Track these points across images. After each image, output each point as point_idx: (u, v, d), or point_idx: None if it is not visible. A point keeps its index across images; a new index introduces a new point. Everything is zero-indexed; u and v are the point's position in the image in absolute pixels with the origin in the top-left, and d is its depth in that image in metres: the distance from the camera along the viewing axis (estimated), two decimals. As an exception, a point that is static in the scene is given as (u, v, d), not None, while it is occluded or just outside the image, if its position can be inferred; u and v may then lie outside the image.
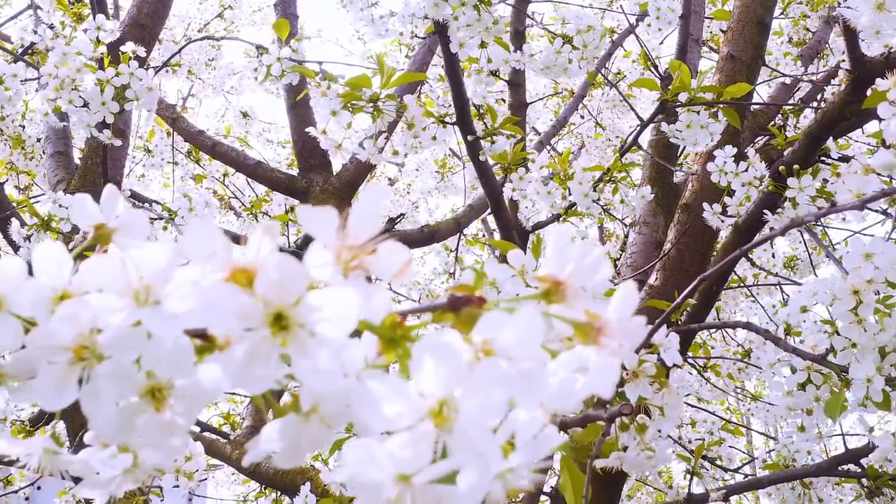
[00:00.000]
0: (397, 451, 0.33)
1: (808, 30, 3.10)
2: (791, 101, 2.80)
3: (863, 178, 1.16)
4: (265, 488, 3.84)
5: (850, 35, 1.44)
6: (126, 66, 1.81)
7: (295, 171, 3.42)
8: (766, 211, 1.62)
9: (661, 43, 2.66)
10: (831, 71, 2.82)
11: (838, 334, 1.31)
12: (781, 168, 1.61)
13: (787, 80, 2.82)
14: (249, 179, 3.88)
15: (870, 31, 1.16)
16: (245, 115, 4.96)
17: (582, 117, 4.67)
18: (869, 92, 1.49)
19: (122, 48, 1.86)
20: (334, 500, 1.86)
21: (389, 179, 5.42)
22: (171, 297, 0.35)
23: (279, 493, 3.40)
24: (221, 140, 3.45)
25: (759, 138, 2.66)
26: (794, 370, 1.43)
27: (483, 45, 1.88)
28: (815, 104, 2.71)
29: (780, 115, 2.81)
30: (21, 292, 0.43)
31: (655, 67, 2.57)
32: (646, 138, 2.61)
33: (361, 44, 5.48)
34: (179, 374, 0.38)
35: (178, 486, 1.55)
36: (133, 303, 0.38)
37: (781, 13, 2.83)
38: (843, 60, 2.45)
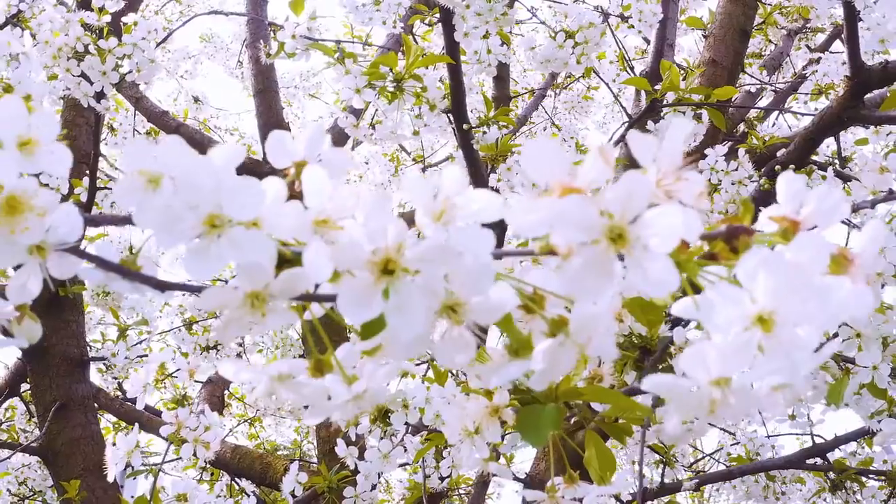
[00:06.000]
0: (727, 353, 0.35)
1: (769, 41, 3.21)
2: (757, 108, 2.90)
3: (878, 176, 1.23)
4: (211, 475, 3.79)
5: (853, 44, 1.51)
6: (129, 37, 1.79)
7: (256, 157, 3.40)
8: (760, 208, 1.69)
9: (626, 36, 2.73)
10: (795, 81, 2.93)
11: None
12: (777, 167, 1.68)
13: (752, 89, 2.92)
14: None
15: (892, 37, 1.22)
16: (196, 100, 4.90)
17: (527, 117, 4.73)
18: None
19: (124, 18, 1.84)
20: (323, 480, 1.87)
21: (339, 172, 5.41)
22: (508, 210, 0.37)
23: (231, 478, 3.38)
24: (185, 122, 3.42)
25: (725, 142, 2.75)
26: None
27: (486, 35, 1.91)
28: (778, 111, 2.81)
29: (743, 122, 2.91)
30: (283, 214, 0.44)
31: (632, 68, 2.64)
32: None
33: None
34: (478, 291, 0.40)
35: (180, 459, 1.55)
36: (433, 221, 0.40)
37: (763, 22, 2.94)
38: (815, 72, 2.56)
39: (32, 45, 1.51)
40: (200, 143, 3.30)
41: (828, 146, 3.04)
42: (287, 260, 0.46)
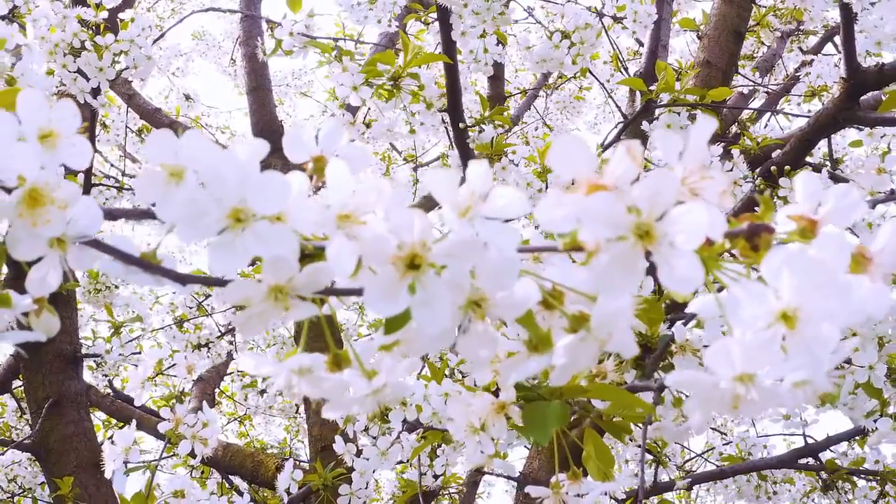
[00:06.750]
0: (752, 349, 0.36)
1: (762, 43, 3.23)
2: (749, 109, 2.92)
3: (876, 177, 1.24)
4: (202, 473, 3.79)
5: (849, 45, 1.52)
6: (126, 33, 1.79)
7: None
8: (756, 209, 1.70)
9: (618, 37, 2.73)
10: (788, 82, 2.95)
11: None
12: (773, 168, 1.69)
13: (745, 90, 2.93)
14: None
15: (889, 39, 1.23)
16: (188, 97, 4.90)
17: (519, 117, 4.74)
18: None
19: (120, 14, 1.84)
20: (318, 478, 1.87)
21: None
22: (539, 205, 0.37)
23: (223, 476, 3.37)
24: (178, 119, 3.41)
25: (718, 143, 2.76)
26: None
27: (483, 35, 1.91)
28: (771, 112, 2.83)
29: (735, 123, 2.92)
30: (307, 209, 0.45)
31: (626, 69, 2.65)
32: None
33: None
34: (503, 286, 0.40)
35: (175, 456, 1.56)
36: (459, 216, 0.40)
37: (756, 24, 2.95)
38: (808, 73, 2.57)
39: (34, 37, 1.51)
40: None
41: (819, 148, 3.05)
42: (307, 254, 0.46)
